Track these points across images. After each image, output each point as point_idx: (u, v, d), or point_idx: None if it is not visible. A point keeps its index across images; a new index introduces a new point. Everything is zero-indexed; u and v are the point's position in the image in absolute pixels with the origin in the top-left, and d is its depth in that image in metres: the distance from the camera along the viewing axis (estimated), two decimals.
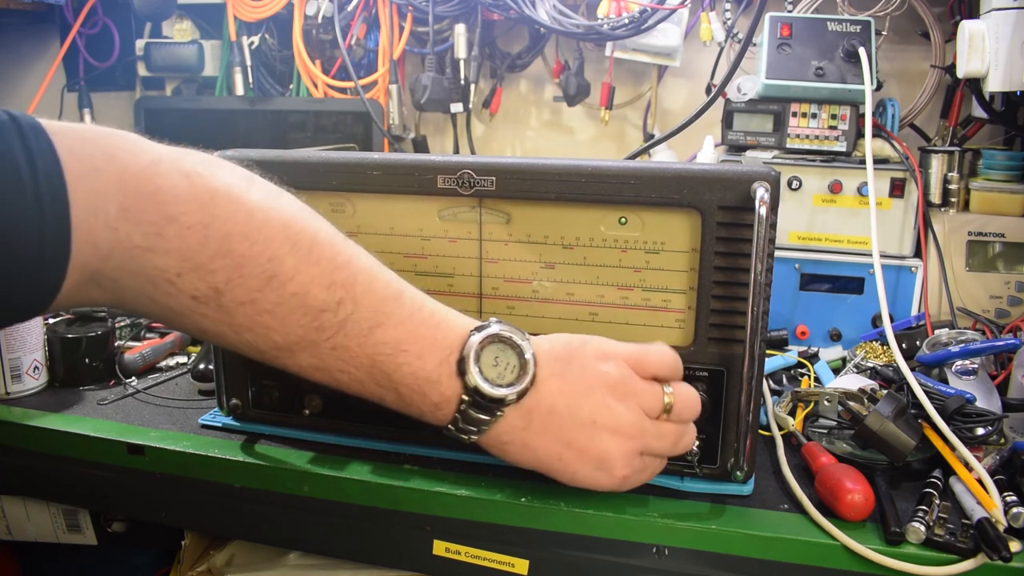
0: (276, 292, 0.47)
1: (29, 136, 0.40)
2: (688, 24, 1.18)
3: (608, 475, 0.54)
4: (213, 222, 0.45)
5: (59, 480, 0.77)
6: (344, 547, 0.70)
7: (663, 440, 0.56)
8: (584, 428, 0.53)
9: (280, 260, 0.46)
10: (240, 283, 0.46)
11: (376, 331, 0.49)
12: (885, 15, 1.06)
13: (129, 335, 0.98)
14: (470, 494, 0.63)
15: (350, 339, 0.49)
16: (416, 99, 1.29)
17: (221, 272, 0.45)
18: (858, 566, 0.56)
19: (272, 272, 0.46)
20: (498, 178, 0.63)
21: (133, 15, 1.38)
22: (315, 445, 0.71)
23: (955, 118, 1.08)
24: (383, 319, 0.50)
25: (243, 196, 0.46)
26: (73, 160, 0.41)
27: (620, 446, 0.53)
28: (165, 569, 0.93)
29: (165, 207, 0.43)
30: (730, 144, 1.02)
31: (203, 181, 0.45)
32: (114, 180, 0.42)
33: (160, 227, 0.43)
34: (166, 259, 0.44)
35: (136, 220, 0.43)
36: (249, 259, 0.45)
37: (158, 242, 0.43)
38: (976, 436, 0.65)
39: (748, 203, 0.58)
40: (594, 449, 0.53)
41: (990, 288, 0.94)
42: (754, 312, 0.56)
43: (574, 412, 0.53)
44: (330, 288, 0.48)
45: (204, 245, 0.44)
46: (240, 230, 0.45)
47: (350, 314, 0.49)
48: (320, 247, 0.49)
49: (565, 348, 0.55)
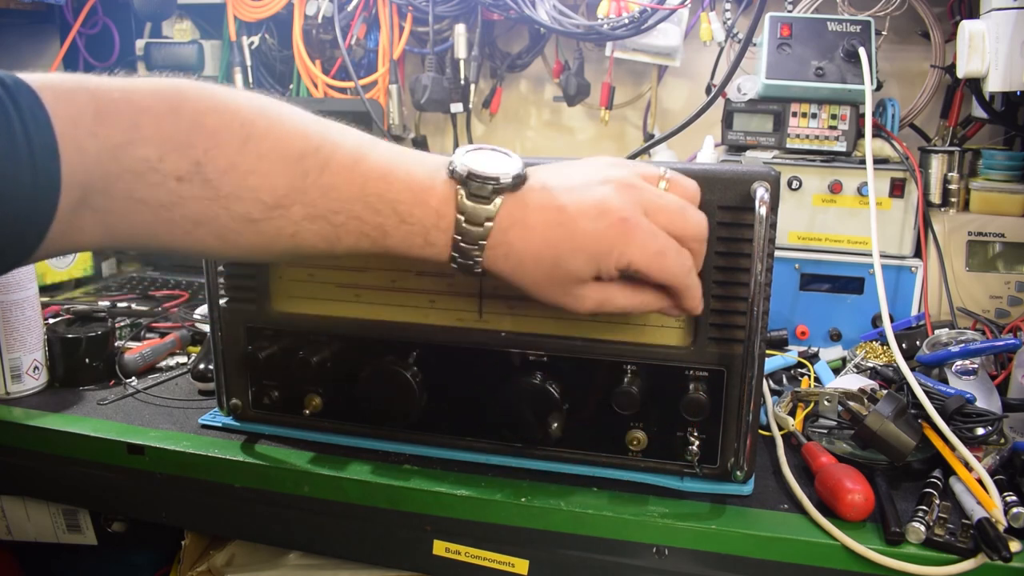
0: (254, 150, 0.49)
1: (7, 83, 0.44)
2: (688, 24, 1.18)
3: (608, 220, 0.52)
4: (183, 105, 0.48)
5: (59, 480, 0.77)
6: (344, 547, 0.70)
7: (665, 199, 0.54)
8: (580, 189, 0.53)
9: (252, 123, 0.50)
10: (218, 151, 0.49)
11: (360, 163, 0.51)
12: (885, 15, 1.06)
13: (129, 335, 0.98)
14: (470, 494, 0.63)
15: (337, 176, 0.51)
16: (416, 99, 1.29)
17: (199, 144, 0.48)
18: (858, 566, 0.56)
19: (246, 134, 0.49)
20: None
21: (133, 15, 1.38)
22: (315, 445, 0.71)
23: (955, 118, 1.09)
24: (364, 153, 0.52)
25: (206, 85, 0.51)
26: (48, 90, 0.45)
27: (618, 194, 0.53)
28: (165, 569, 0.93)
29: (136, 103, 0.47)
30: (730, 144, 1.02)
31: (167, 81, 0.50)
32: (87, 95, 0.46)
33: (135, 118, 0.47)
34: (146, 148, 0.47)
35: (113, 119, 0.46)
36: (222, 127, 0.49)
37: (136, 132, 0.47)
38: (976, 436, 0.65)
39: (748, 203, 0.58)
40: (590, 199, 0.53)
41: (990, 288, 0.94)
42: (754, 312, 0.56)
43: (568, 180, 0.54)
44: (305, 136, 0.51)
45: (177, 126, 0.48)
46: (208, 106, 0.49)
47: (331, 153, 0.51)
48: (288, 111, 0.52)
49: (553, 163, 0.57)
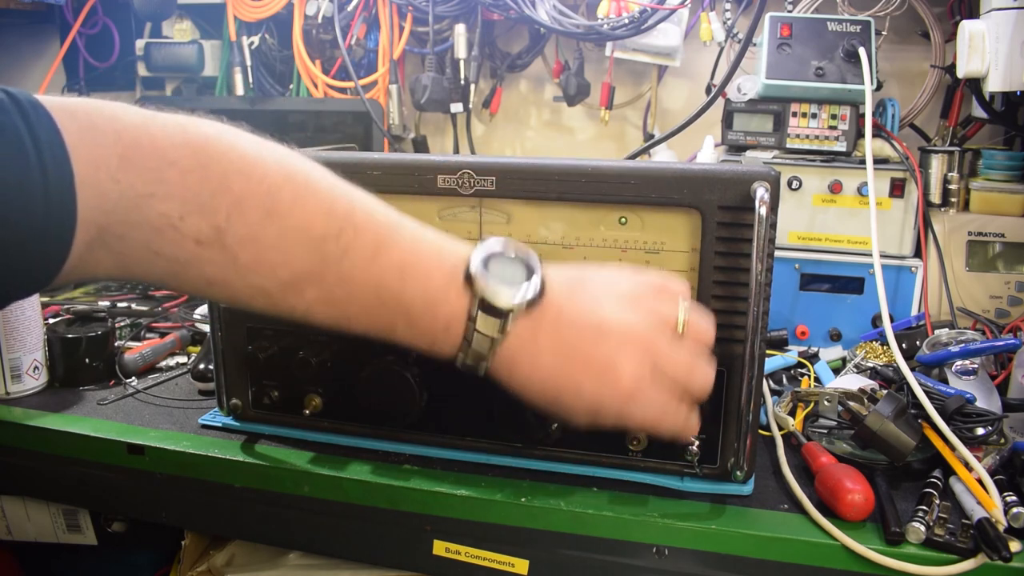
0: (276, 225, 0.48)
1: (27, 108, 0.42)
2: (688, 24, 1.18)
3: (613, 387, 0.51)
4: (210, 163, 0.46)
5: (59, 480, 0.77)
6: (344, 547, 0.70)
7: (676, 359, 0.53)
8: (591, 333, 0.51)
9: (277, 193, 0.48)
10: (240, 219, 0.47)
11: (380, 256, 0.50)
12: (885, 15, 1.06)
13: (129, 335, 0.98)
14: (470, 494, 0.63)
15: (355, 266, 0.50)
16: (416, 99, 1.29)
17: (222, 210, 0.46)
18: (858, 566, 0.56)
19: (271, 205, 0.47)
20: (498, 178, 0.63)
21: (133, 15, 1.38)
22: (315, 445, 0.71)
23: (955, 118, 1.09)
24: (386, 244, 0.50)
25: (235, 140, 0.49)
26: (71, 122, 0.43)
27: (629, 356, 0.51)
28: (165, 569, 0.93)
29: (164, 153, 0.45)
30: (730, 144, 1.02)
31: (196, 129, 0.48)
32: (112, 134, 0.44)
33: (161, 172, 0.45)
34: (168, 203, 0.45)
35: (137, 168, 0.44)
36: (247, 194, 0.47)
37: (160, 187, 0.45)
38: (976, 436, 0.65)
39: (748, 203, 0.58)
40: (600, 355, 0.51)
41: (990, 288, 0.94)
42: (754, 312, 0.56)
43: (583, 316, 0.52)
44: (330, 216, 0.49)
45: (203, 185, 0.46)
46: (236, 167, 0.47)
47: (352, 241, 0.49)
48: (316, 181, 0.50)
49: (574, 268, 0.55)
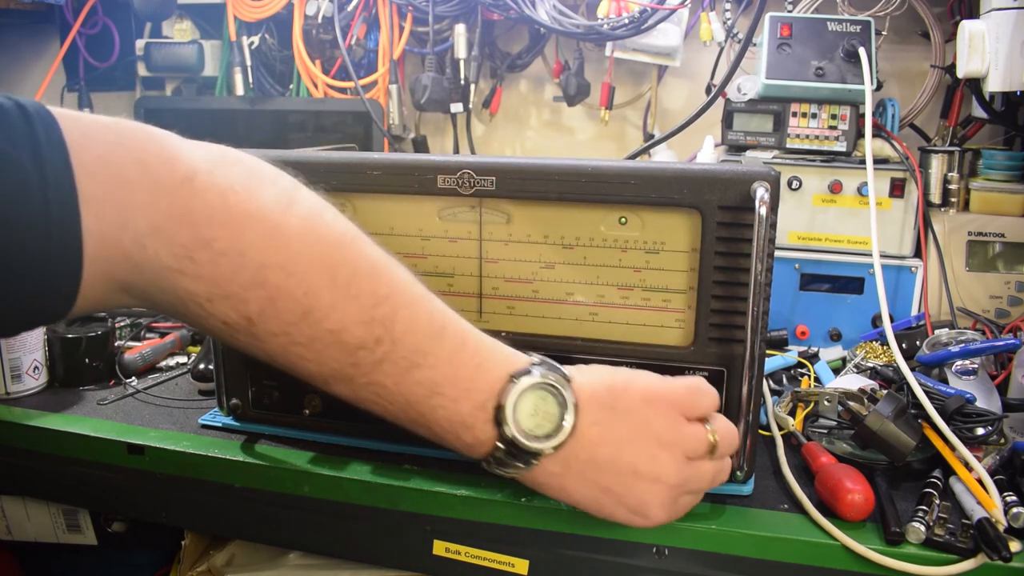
0: (311, 327, 0.44)
1: (42, 144, 0.37)
2: (688, 24, 1.18)
3: (645, 519, 0.52)
4: (248, 250, 0.42)
5: (59, 480, 0.77)
6: (344, 547, 0.70)
7: (702, 480, 0.54)
8: (624, 476, 0.51)
9: (317, 294, 0.44)
10: (274, 315, 0.44)
11: (413, 371, 0.47)
12: (885, 15, 1.06)
13: (129, 335, 0.98)
14: (470, 494, 0.63)
15: (387, 377, 0.47)
16: (416, 99, 1.28)
17: (254, 303, 0.43)
18: (858, 566, 0.56)
19: (308, 307, 0.44)
20: (498, 178, 0.63)
21: (133, 15, 1.38)
22: (315, 445, 0.71)
23: (955, 118, 1.08)
24: (422, 359, 0.47)
25: (281, 221, 0.44)
26: (99, 165, 0.39)
27: (659, 494, 0.52)
28: (165, 569, 0.93)
29: (198, 230, 0.41)
30: (730, 144, 1.02)
31: (240, 201, 0.43)
32: (145, 195, 0.40)
33: (192, 251, 0.41)
34: (196, 284, 0.42)
35: (167, 241, 0.41)
36: (284, 291, 0.43)
37: (189, 266, 0.41)
38: (976, 436, 0.65)
39: (748, 203, 0.58)
40: (633, 497, 0.52)
41: (990, 288, 0.94)
42: (754, 312, 0.56)
43: (614, 461, 0.51)
44: (369, 325, 0.46)
45: (237, 274, 0.42)
46: (276, 260, 0.43)
47: (388, 353, 0.47)
48: (360, 280, 0.46)
49: (609, 392, 0.52)
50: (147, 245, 0.40)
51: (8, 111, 0.38)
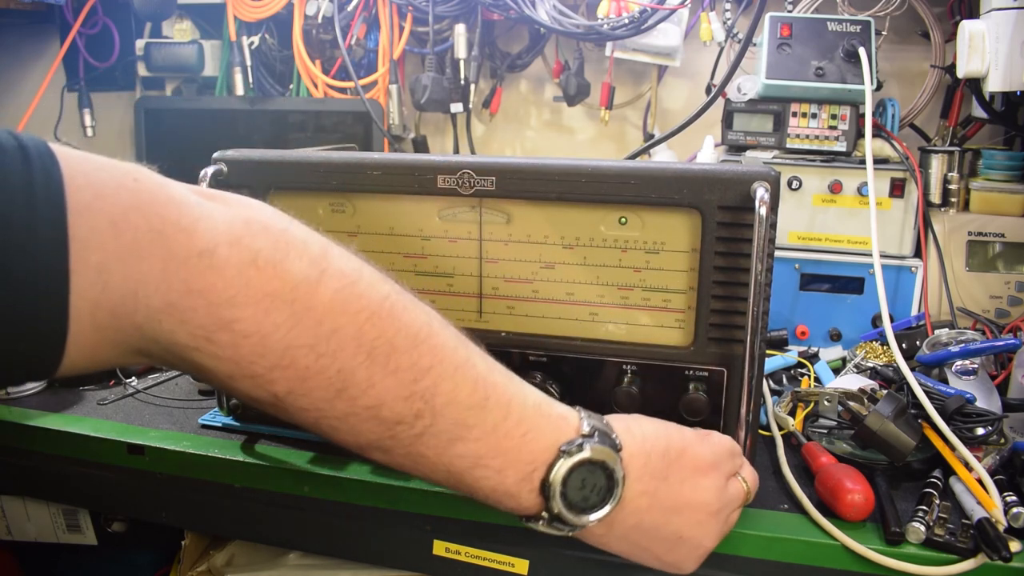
0: (346, 404, 0.42)
1: (39, 198, 0.33)
2: (688, 24, 1.18)
3: (678, 571, 0.54)
4: (274, 332, 0.39)
5: (59, 480, 0.77)
6: (344, 547, 0.70)
7: (731, 526, 0.56)
8: (668, 542, 0.52)
9: (351, 372, 0.41)
10: (303, 393, 0.41)
11: (456, 444, 0.45)
12: (885, 15, 1.06)
13: None
14: None
15: (427, 449, 0.45)
16: (416, 99, 1.28)
17: (281, 383, 0.40)
18: (858, 566, 0.56)
19: (342, 385, 0.41)
20: (498, 178, 0.63)
21: (133, 15, 1.38)
22: (315, 445, 0.71)
23: (955, 118, 1.08)
24: (465, 432, 0.45)
25: (310, 298, 0.40)
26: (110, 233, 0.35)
27: (699, 555, 0.53)
28: (165, 569, 0.93)
29: (218, 311, 0.38)
30: (730, 144, 1.02)
31: (264, 280, 0.39)
32: (159, 268, 0.36)
33: (210, 332, 0.38)
34: (217, 363, 0.39)
35: (182, 319, 0.37)
36: (315, 371, 0.40)
37: (207, 346, 0.38)
38: (976, 436, 0.65)
39: (748, 203, 0.58)
40: (672, 556, 0.52)
41: (990, 288, 0.94)
42: (754, 312, 0.56)
43: (660, 528, 0.51)
44: (408, 400, 0.43)
45: (262, 356, 0.39)
46: (305, 341, 0.40)
47: (428, 427, 0.44)
48: (399, 354, 0.43)
49: (662, 460, 0.51)
50: (162, 321, 0.37)
51: (6, 150, 0.34)
